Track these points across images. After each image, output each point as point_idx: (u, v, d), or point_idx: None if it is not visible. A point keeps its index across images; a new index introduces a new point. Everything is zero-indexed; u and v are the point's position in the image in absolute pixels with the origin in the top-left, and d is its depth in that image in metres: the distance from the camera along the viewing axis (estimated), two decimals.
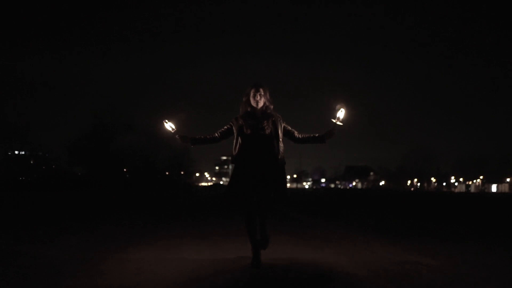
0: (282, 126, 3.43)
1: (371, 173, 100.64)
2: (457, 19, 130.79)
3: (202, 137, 3.50)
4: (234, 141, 3.39)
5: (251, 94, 3.37)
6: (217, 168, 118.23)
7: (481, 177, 74.09)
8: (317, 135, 3.45)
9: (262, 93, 3.37)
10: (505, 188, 70.53)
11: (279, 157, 3.33)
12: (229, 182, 3.37)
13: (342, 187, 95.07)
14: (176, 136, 3.47)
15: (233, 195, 3.29)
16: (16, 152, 41.55)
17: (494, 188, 72.55)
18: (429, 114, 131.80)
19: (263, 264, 3.26)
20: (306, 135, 3.47)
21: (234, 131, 3.40)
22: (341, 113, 3.35)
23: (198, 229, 5.69)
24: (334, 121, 3.37)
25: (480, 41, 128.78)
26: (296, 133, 3.47)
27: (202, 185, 79.24)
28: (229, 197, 3.31)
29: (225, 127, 3.47)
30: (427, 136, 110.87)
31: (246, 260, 3.38)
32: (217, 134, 3.47)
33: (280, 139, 3.38)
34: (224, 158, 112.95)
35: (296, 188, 73.35)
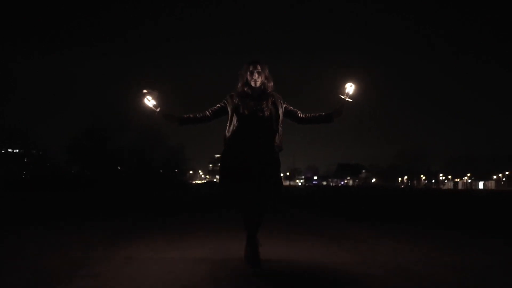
0: (283, 107, 3.13)
1: (363, 171, 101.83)
2: (455, 18, 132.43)
3: (191, 116, 3.14)
4: (228, 121, 3.07)
5: (248, 71, 3.06)
6: (210, 166, 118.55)
7: (468, 174, 75.73)
8: (323, 113, 3.14)
9: (260, 70, 3.06)
10: (491, 185, 72.15)
11: (278, 142, 3.06)
12: (221, 173, 3.11)
13: (334, 185, 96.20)
14: (161, 115, 3.11)
15: (229, 187, 3.04)
16: (10, 150, 41.82)
17: (481, 185, 74.13)
18: (422, 113, 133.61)
19: (262, 263, 2.98)
20: (311, 115, 3.16)
21: (229, 111, 3.08)
22: (350, 89, 3.04)
23: (195, 227, 5.50)
24: (343, 97, 3.04)
25: (476, 41, 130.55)
26: (299, 113, 3.17)
27: (196, 183, 79.84)
28: (225, 190, 3.07)
29: (218, 105, 3.14)
30: (419, 134, 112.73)
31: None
32: (209, 112, 3.14)
33: (280, 122, 3.09)
34: (218, 156, 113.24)
35: (289, 186, 74.26)
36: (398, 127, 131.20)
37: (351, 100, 3.04)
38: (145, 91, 3.10)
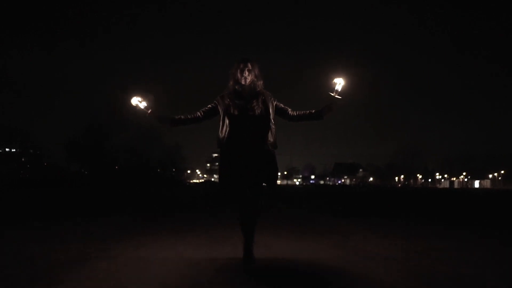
0: (274, 105, 3.13)
1: (360, 170, 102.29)
2: (457, 15, 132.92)
3: (182, 117, 3.16)
4: (220, 122, 3.08)
5: (238, 69, 3.06)
6: (208, 165, 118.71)
7: (464, 173, 76.38)
8: (313, 111, 3.13)
9: (251, 68, 3.06)
10: (487, 184, 72.73)
11: (272, 140, 3.06)
12: (220, 177, 3.11)
13: (331, 184, 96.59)
14: (152, 116, 3.14)
15: (227, 191, 3.04)
16: (7, 149, 41.94)
17: (476, 184, 74.71)
18: (419, 112, 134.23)
19: (259, 261, 3.05)
20: (301, 112, 3.16)
21: (220, 111, 3.10)
22: (339, 86, 3.01)
23: (193, 226, 5.54)
24: (332, 94, 3.02)
25: (476, 38, 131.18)
26: (289, 111, 3.17)
27: (193, 182, 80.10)
28: (224, 195, 3.07)
29: (209, 106, 3.15)
30: (416, 133, 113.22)
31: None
32: (200, 113, 3.15)
33: (272, 120, 3.09)
34: (215, 155, 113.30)
35: (287, 185, 74.60)
36: (395, 126, 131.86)
37: (340, 97, 3.01)
38: (137, 98, 3.13)
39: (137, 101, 3.12)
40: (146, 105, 3.13)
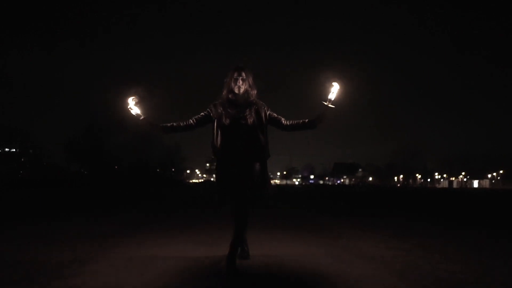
0: (267, 114, 3.14)
1: (360, 170, 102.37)
2: (457, 15, 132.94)
3: (174, 124, 3.14)
4: (214, 131, 3.09)
5: (233, 78, 3.08)
6: (208, 165, 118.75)
7: (463, 173, 76.51)
8: (306, 120, 3.11)
9: (245, 77, 3.08)
10: (486, 183, 72.82)
11: (263, 149, 3.07)
12: (216, 183, 3.15)
13: (330, 184, 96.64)
14: (144, 122, 3.06)
15: (224, 198, 3.07)
16: (7, 149, 42.04)
17: (475, 184, 74.80)
18: (419, 112, 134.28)
19: (255, 259, 3.12)
20: (295, 122, 3.14)
21: (213, 119, 3.12)
22: (332, 95, 2.97)
23: (192, 225, 5.58)
24: (325, 103, 2.98)
25: (476, 38, 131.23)
26: (283, 120, 3.16)
27: (193, 182, 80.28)
28: (221, 202, 3.09)
29: (202, 113, 3.15)
30: (415, 133, 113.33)
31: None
32: (192, 121, 3.15)
33: (265, 129, 3.10)
34: None
35: (286, 185, 74.73)
36: (395, 126, 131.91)
37: (333, 106, 2.97)
38: (132, 99, 3.03)
39: (131, 105, 3.02)
40: (139, 111, 3.03)
